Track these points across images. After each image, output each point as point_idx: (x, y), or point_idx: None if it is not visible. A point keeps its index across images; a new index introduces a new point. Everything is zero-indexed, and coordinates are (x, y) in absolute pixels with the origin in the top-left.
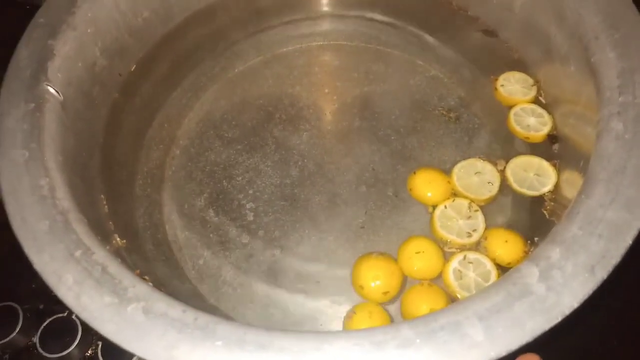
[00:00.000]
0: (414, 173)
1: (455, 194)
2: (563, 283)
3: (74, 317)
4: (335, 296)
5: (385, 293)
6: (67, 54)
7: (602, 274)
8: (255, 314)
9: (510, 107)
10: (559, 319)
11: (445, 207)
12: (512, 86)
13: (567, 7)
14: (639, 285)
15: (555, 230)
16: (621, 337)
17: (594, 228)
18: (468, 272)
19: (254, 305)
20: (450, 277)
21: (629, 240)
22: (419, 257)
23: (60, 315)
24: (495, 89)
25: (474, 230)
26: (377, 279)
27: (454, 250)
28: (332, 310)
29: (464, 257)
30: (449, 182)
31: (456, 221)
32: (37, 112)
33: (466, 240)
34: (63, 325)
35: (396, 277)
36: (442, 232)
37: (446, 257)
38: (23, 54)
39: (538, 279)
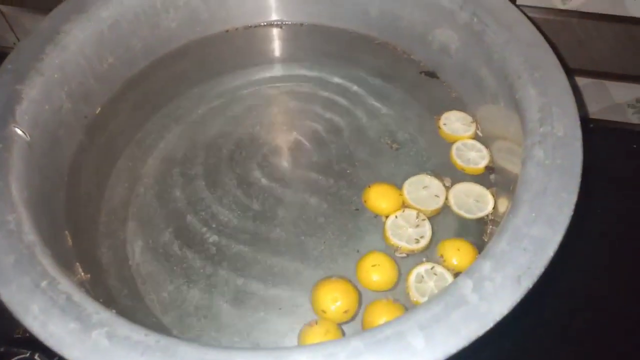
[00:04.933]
0: (369, 187)
1: (405, 206)
2: (493, 292)
3: (36, 357)
4: (297, 323)
5: (346, 312)
6: (34, 98)
7: (527, 283)
8: (218, 343)
9: (453, 142)
10: (491, 325)
11: (396, 216)
12: (453, 124)
13: (493, 51)
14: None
15: (487, 247)
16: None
17: (519, 243)
18: (429, 281)
19: (217, 334)
20: (411, 278)
21: (550, 253)
22: (375, 270)
23: (22, 356)
24: (439, 127)
25: (422, 237)
26: (337, 301)
27: (404, 255)
28: (295, 334)
29: (432, 268)
30: (400, 194)
31: (406, 229)
32: (4, 152)
33: (414, 246)
34: None
35: (353, 295)
36: (393, 240)
37: (398, 262)
38: None
39: (472, 290)
